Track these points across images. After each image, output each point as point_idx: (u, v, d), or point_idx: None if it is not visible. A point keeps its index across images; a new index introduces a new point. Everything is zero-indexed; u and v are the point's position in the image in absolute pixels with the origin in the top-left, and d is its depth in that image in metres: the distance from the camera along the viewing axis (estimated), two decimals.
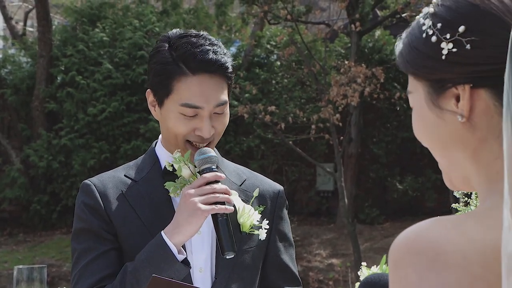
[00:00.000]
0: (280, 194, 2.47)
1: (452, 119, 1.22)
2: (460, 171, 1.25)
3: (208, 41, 2.29)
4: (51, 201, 13.97)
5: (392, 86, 14.04)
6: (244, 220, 2.32)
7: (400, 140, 14.56)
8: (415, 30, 1.27)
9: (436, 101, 1.23)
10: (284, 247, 2.45)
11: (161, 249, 2.19)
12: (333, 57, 14.02)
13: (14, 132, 14.73)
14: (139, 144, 13.34)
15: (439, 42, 1.21)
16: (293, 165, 14.62)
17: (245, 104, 11.63)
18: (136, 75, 13.54)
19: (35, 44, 14.65)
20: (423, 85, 1.25)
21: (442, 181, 1.25)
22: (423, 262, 1.09)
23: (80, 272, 2.30)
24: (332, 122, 10.89)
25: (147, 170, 2.37)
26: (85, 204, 2.33)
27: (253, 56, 14.50)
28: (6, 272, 11.92)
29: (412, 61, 1.25)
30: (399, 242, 1.14)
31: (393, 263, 1.13)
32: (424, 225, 1.13)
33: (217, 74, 2.27)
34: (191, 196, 2.20)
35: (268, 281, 2.44)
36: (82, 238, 2.32)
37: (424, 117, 1.26)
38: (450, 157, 1.26)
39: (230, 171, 2.44)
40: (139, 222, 2.30)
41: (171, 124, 2.29)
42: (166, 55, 2.28)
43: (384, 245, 12.86)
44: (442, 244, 1.09)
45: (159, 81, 2.28)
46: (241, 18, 14.96)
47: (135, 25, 14.12)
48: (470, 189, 1.27)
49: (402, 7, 12.20)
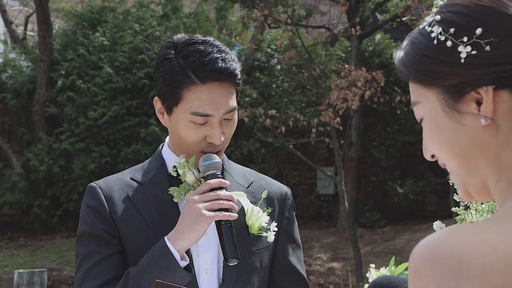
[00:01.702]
0: (287, 196, 2.47)
1: (473, 123, 1.21)
2: (479, 177, 1.24)
3: (216, 48, 2.28)
4: (52, 205, 13.96)
5: (393, 90, 14.05)
6: (253, 222, 2.32)
7: (400, 144, 14.56)
8: (421, 39, 1.26)
9: (454, 107, 1.22)
10: (292, 249, 2.45)
11: (164, 255, 2.19)
12: (333, 61, 14.03)
13: (15, 136, 14.73)
14: (139, 148, 13.34)
15: (455, 46, 1.21)
16: (293, 169, 14.61)
17: (246, 108, 11.63)
18: (137, 79, 13.55)
19: (36, 48, 14.66)
20: (436, 93, 1.24)
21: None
22: (444, 272, 1.07)
23: (83, 276, 2.29)
24: (333, 126, 10.89)
25: (153, 173, 2.37)
26: (90, 207, 2.32)
27: (254, 60, 14.50)
28: (7, 276, 11.91)
29: (422, 69, 1.24)
30: (420, 250, 1.11)
31: (413, 271, 1.11)
32: (446, 233, 1.11)
33: (226, 82, 2.26)
34: (195, 202, 2.20)
35: (276, 283, 2.43)
36: (86, 242, 2.32)
37: (440, 124, 1.24)
38: (469, 164, 1.24)
39: (237, 173, 2.44)
40: (144, 225, 2.30)
41: (183, 134, 2.28)
42: (174, 64, 2.27)
43: (385, 249, 12.85)
44: (464, 253, 1.07)
45: (168, 90, 2.27)
46: (241, 22, 14.97)
47: (135, 29, 14.12)
48: (487, 198, 1.25)
49: (402, 11, 12.21)
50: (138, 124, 13.59)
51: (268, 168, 14.10)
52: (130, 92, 13.69)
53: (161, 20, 14.78)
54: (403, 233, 13.53)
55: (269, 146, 13.97)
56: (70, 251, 12.84)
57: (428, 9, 10.90)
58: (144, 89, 13.59)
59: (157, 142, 13.08)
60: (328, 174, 12.37)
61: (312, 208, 14.96)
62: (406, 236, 13.19)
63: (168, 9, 15.16)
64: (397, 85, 14.36)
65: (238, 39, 14.78)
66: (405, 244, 12.74)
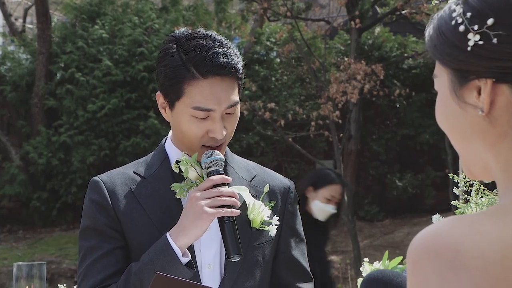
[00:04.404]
0: (290, 190, 2.46)
1: (473, 111, 1.21)
2: (481, 161, 1.24)
3: (217, 42, 2.28)
4: (51, 198, 13.97)
5: (392, 83, 14.04)
6: (255, 216, 2.32)
7: (399, 137, 14.57)
8: (445, 15, 1.24)
9: (458, 92, 1.22)
10: (295, 243, 2.44)
11: (165, 251, 2.19)
12: (332, 54, 14.02)
13: (14, 129, 14.73)
14: (138, 141, 13.33)
15: (466, 32, 1.19)
16: (292, 162, 14.62)
17: (245, 101, 11.62)
18: (136, 71, 13.53)
19: (35, 41, 14.64)
20: (448, 73, 1.23)
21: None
22: (442, 263, 1.07)
23: (86, 271, 2.30)
24: (332, 119, 10.88)
25: (156, 167, 2.36)
26: (92, 201, 2.32)
27: (253, 53, 14.49)
28: (6, 269, 11.92)
29: (439, 46, 1.23)
30: (417, 242, 1.11)
31: (411, 264, 1.11)
32: (442, 225, 1.11)
33: (228, 76, 2.26)
34: (198, 199, 2.20)
35: (279, 277, 2.43)
36: (89, 236, 2.32)
37: (446, 104, 1.24)
38: (469, 148, 1.24)
39: (240, 167, 2.44)
40: (147, 219, 2.29)
41: (185, 128, 2.28)
42: (175, 58, 2.27)
43: (384, 242, 12.86)
44: (460, 243, 1.07)
45: (170, 85, 2.28)
46: (240, 15, 14.95)
47: (134, 22, 14.11)
48: (490, 178, 1.25)
49: (401, 4, 12.18)
50: (137, 117, 13.58)
51: (267, 161, 14.10)
52: (129, 85, 13.68)
53: (160, 13, 14.76)
54: (402, 226, 13.54)
55: (268, 139, 13.96)
56: (69, 244, 12.85)
57: (427, 2, 10.88)
58: (143, 82, 13.57)
59: (156, 135, 13.07)
60: (327, 168, 12.38)
61: None
62: (405, 230, 13.20)
63: (167, 2, 15.14)
64: (397, 79, 14.35)
65: (238, 32, 14.77)
66: (404, 238, 12.75)
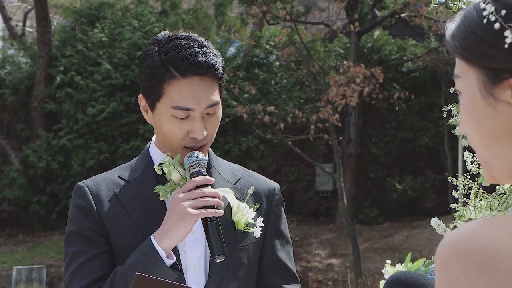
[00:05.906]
0: (275, 192, 2.45)
1: (506, 110, 1.19)
2: (506, 162, 1.22)
3: (197, 43, 2.29)
4: (50, 201, 13.97)
5: (391, 86, 14.05)
6: (239, 218, 2.31)
7: (399, 140, 14.57)
8: (473, 14, 1.22)
9: (490, 91, 1.20)
10: (280, 245, 2.44)
11: (150, 253, 2.19)
12: (332, 57, 14.03)
13: (13, 133, 14.73)
14: (138, 144, 13.34)
15: (502, 30, 1.17)
16: (292, 165, 14.62)
17: (244, 104, 11.63)
18: (135, 75, 13.54)
19: (34, 45, 14.66)
20: (476, 72, 1.21)
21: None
22: (472, 265, 1.05)
23: (71, 275, 2.30)
24: (331, 122, 10.90)
25: (141, 171, 2.37)
26: (77, 206, 2.33)
27: (252, 56, 14.50)
28: (5, 272, 11.92)
29: (468, 46, 1.21)
30: (447, 243, 1.09)
31: (440, 265, 1.09)
32: (473, 226, 1.09)
33: (207, 76, 2.27)
34: (181, 200, 2.20)
35: (265, 279, 2.42)
36: (74, 241, 2.33)
37: (474, 105, 1.22)
38: (497, 148, 1.22)
39: (225, 169, 2.43)
40: (131, 223, 2.30)
41: (166, 129, 2.28)
42: (155, 59, 2.28)
43: (383, 245, 12.86)
44: (491, 246, 1.06)
45: (150, 85, 2.28)
46: (240, 18, 14.96)
47: (134, 26, 14.12)
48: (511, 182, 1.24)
49: (401, 7, 12.21)
50: (137, 120, 13.59)
51: (266, 164, 14.11)
52: (128, 88, 13.69)
53: (159, 17, 14.78)
54: (402, 229, 13.54)
55: (268, 142, 13.97)
56: None
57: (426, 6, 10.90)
58: None
59: None
60: (327, 171, 12.39)
61: (311, 204, 14.96)
62: (405, 233, 13.20)
63: (167, 6, 15.16)
64: (396, 82, 14.36)
65: (237, 36, 14.78)
66: (404, 241, 12.75)
